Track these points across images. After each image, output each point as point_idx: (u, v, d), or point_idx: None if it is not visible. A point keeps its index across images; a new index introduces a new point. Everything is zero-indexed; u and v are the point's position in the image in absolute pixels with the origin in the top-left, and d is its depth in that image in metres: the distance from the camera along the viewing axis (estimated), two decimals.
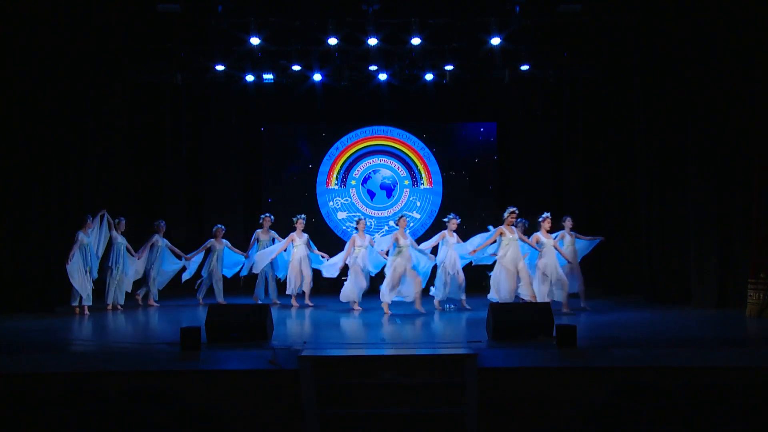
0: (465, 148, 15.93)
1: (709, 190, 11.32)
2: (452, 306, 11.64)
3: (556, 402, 6.62)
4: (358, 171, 15.90)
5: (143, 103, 14.65)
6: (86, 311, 11.20)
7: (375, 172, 15.93)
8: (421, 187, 15.88)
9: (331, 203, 15.82)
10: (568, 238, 11.61)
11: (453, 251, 11.41)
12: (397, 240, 11.10)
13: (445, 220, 11.66)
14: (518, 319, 8.35)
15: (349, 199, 15.85)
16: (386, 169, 15.93)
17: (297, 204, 15.60)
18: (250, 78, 13.86)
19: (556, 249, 11.09)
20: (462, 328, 9.73)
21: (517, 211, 11.12)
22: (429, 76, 13.98)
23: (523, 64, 13.38)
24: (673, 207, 12.34)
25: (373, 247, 11.70)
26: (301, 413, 6.57)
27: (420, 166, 15.89)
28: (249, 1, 11.77)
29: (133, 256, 12.00)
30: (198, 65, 13.51)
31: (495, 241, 11.12)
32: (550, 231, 11.32)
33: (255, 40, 12.16)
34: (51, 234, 11.58)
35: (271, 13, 11.98)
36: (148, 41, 12.82)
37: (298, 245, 12.14)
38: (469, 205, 15.51)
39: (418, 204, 15.83)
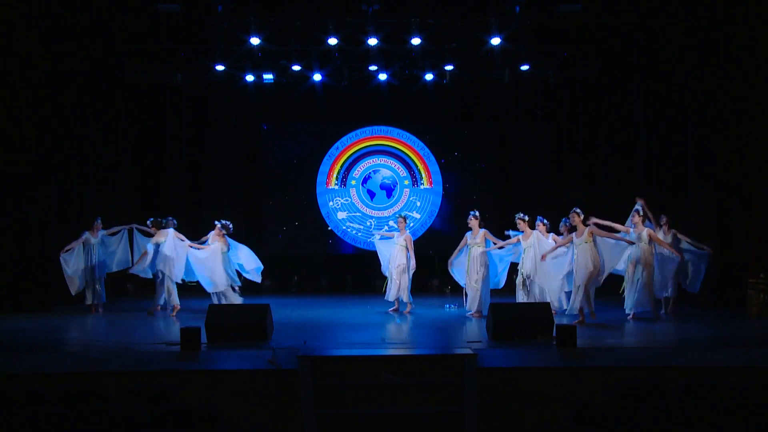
0: (465, 148, 15.93)
1: (709, 190, 11.32)
2: (453, 306, 11.64)
3: (556, 402, 6.61)
4: (358, 171, 15.89)
5: (143, 103, 14.66)
6: (100, 309, 11.28)
7: (375, 172, 15.93)
8: (421, 187, 15.88)
9: (331, 203, 15.82)
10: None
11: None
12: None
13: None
14: (518, 319, 8.35)
15: (349, 199, 15.84)
16: (386, 169, 15.92)
17: (297, 204, 15.64)
18: (250, 78, 13.86)
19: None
20: (462, 328, 9.73)
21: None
22: (429, 76, 13.98)
23: (523, 64, 13.39)
24: (673, 207, 12.34)
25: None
26: (300, 413, 6.57)
27: (420, 166, 15.89)
28: (249, 1, 11.77)
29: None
30: (198, 65, 13.51)
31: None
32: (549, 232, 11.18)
33: (255, 40, 12.17)
34: (51, 234, 11.58)
35: (271, 13, 11.98)
36: (148, 41, 12.81)
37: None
38: (469, 205, 15.48)
39: (418, 204, 15.82)
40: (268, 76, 13.96)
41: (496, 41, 12.27)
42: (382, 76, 13.93)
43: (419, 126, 15.95)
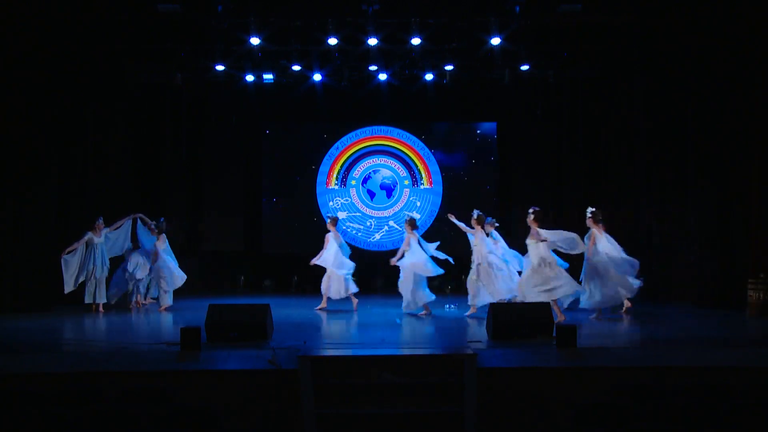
0: (465, 148, 15.94)
1: (709, 190, 11.33)
2: (453, 306, 11.63)
3: (556, 402, 6.61)
4: (358, 171, 15.89)
5: (143, 103, 14.65)
6: (101, 309, 11.35)
7: (375, 172, 15.93)
8: (421, 187, 15.88)
9: (331, 203, 15.82)
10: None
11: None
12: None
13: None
14: (518, 319, 8.35)
15: (349, 199, 15.84)
16: (386, 169, 15.92)
17: (297, 204, 15.63)
18: (250, 78, 13.86)
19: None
20: (462, 328, 9.73)
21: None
22: (429, 76, 13.98)
23: (523, 64, 13.38)
24: (673, 207, 12.35)
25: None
26: (300, 413, 6.57)
27: (420, 166, 15.89)
28: (249, 1, 11.77)
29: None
30: (198, 65, 13.50)
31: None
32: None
33: (255, 40, 12.17)
34: (50, 234, 11.58)
35: (271, 13, 11.98)
36: (148, 41, 12.81)
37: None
38: (469, 205, 15.47)
39: (418, 204, 15.82)
40: (268, 76, 13.96)
41: (496, 41, 12.27)
42: (382, 76, 13.93)
43: (419, 126, 15.95)
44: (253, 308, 8.59)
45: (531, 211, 10.25)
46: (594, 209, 10.42)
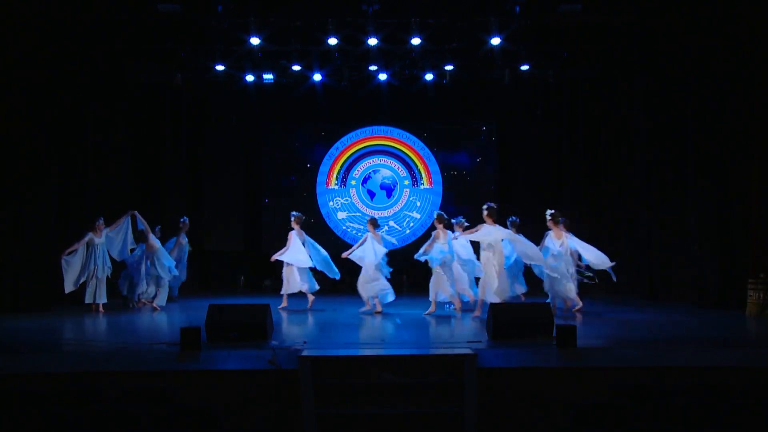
0: (465, 148, 15.95)
1: (709, 190, 11.33)
2: (453, 306, 11.62)
3: (556, 402, 6.61)
4: (358, 171, 15.90)
5: (143, 103, 14.65)
6: (101, 309, 11.38)
7: (375, 172, 15.93)
8: (421, 187, 15.88)
9: (331, 203, 15.83)
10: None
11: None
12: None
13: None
14: (518, 319, 8.35)
15: (349, 199, 15.85)
16: (386, 169, 15.93)
17: (297, 204, 15.62)
18: (250, 78, 13.86)
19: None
20: (462, 328, 9.73)
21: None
22: (429, 76, 13.98)
23: (523, 64, 13.39)
24: (673, 207, 12.35)
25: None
26: (300, 413, 6.57)
27: (420, 166, 15.89)
28: (249, 1, 11.77)
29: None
30: (198, 65, 13.51)
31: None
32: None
33: (255, 40, 12.17)
34: (50, 234, 11.58)
35: (271, 13, 11.99)
36: (148, 41, 12.82)
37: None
38: (469, 205, 15.49)
39: (418, 204, 15.83)
40: (268, 76, 13.96)
41: (496, 41, 12.27)
42: (382, 76, 13.93)
43: (419, 126, 15.96)
44: (253, 308, 8.59)
45: (485, 207, 10.56)
46: (553, 211, 10.81)
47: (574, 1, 11.47)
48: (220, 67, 13.20)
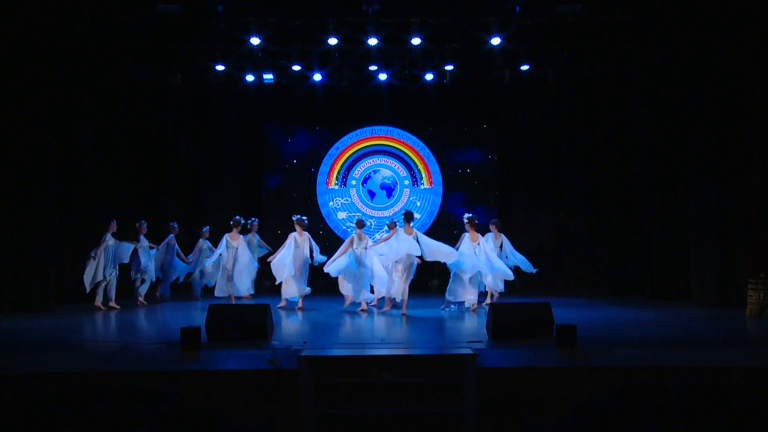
0: (465, 147, 15.95)
1: (709, 190, 11.32)
2: (453, 306, 11.63)
3: (556, 402, 6.61)
4: (358, 171, 15.90)
5: (143, 103, 14.65)
6: (114, 305, 11.74)
7: (375, 172, 15.93)
8: (421, 187, 15.88)
9: (331, 203, 15.83)
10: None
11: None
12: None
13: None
14: (518, 319, 8.35)
15: (349, 199, 15.85)
16: (386, 169, 15.93)
17: (297, 204, 15.62)
18: (250, 78, 13.86)
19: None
20: (462, 328, 9.73)
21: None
22: (429, 76, 13.97)
23: (523, 64, 13.38)
24: (673, 207, 12.35)
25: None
26: (300, 413, 6.57)
27: (420, 166, 15.89)
28: (249, 1, 11.77)
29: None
30: (198, 65, 13.51)
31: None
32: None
33: (255, 40, 12.17)
34: (50, 234, 11.58)
35: (271, 13, 11.99)
36: (148, 41, 12.81)
37: (299, 245, 12.02)
38: (468, 205, 15.53)
39: (418, 204, 15.83)
40: (268, 76, 13.95)
41: (496, 41, 12.27)
42: (382, 76, 13.92)
43: (419, 126, 15.96)
44: (253, 308, 8.60)
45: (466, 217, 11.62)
46: (470, 215, 11.61)
47: (574, 1, 11.47)
48: (220, 67, 13.20)
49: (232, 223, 12.39)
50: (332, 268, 11.49)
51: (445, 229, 15.34)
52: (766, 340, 8.69)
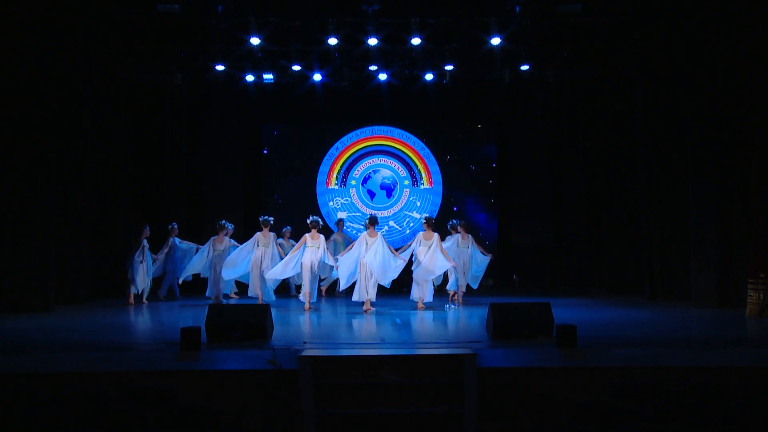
0: (465, 147, 15.94)
1: (709, 190, 11.32)
2: (453, 306, 11.64)
3: (556, 402, 6.61)
4: (358, 171, 15.90)
5: (143, 103, 14.64)
6: (144, 300, 12.42)
7: (375, 172, 15.93)
8: (421, 187, 15.88)
9: (331, 203, 15.82)
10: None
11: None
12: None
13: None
14: (518, 319, 8.35)
15: (349, 199, 15.85)
16: (386, 169, 15.93)
17: (297, 204, 15.63)
18: (250, 78, 13.86)
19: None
20: (462, 328, 9.73)
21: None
22: (429, 77, 13.98)
23: (523, 64, 13.38)
24: (673, 207, 12.35)
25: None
26: (300, 413, 6.57)
27: (420, 166, 15.89)
28: (249, 1, 11.77)
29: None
30: (198, 65, 13.51)
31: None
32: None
33: (255, 40, 12.18)
34: (51, 234, 11.57)
35: (271, 13, 11.99)
36: (148, 41, 12.81)
37: (311, 246, 11.94)
38: (468, 205, 15.53)
39: (418, 204, 15.83)
40: (268, 76, 13.95)
41: (496, 41, 12.27)
42: (382, 76, 13.92)
43: (419, 126, 15.96)
44: (253, 308, 8.60)
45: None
46: (428, 216, 12.11)
47: (574, 1, 11.47)
48: (220, 67, 13.20)
49: (261, 221, 12.54)
50: (342, 280, 11.49)
51: (445, 229, 15.33)
52: (765, 340, 8.69)
